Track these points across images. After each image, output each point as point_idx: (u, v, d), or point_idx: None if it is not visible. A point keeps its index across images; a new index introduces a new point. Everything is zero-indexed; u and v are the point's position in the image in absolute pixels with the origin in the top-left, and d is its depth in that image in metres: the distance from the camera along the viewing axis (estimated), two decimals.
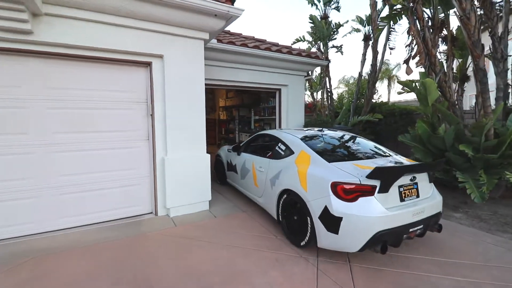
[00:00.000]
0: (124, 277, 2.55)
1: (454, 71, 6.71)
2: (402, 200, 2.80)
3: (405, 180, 2.83)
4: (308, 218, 2.93)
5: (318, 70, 12.02)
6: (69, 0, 3.08)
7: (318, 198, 2.84)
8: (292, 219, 3.26)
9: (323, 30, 9.59)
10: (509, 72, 5.71)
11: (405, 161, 3.40)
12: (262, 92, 8.90)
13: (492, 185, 4.12)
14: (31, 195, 3.38)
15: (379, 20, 8.38)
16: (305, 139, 3.65)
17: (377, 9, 8.43)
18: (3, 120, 3.20)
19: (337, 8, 10.16)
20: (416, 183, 2.95)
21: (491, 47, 5.39)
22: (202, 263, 2.80)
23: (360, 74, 9.72)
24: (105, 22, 3.42)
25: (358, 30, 10.43)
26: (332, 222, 2.69)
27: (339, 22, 9.81)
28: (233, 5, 3.84)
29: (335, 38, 9.99)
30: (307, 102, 14.54)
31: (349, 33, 10.92)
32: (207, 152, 4.38)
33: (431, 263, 2.81)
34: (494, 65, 5.49)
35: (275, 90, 7.34)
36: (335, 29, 9.81)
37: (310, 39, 10.73)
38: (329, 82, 10.23)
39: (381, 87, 24.64)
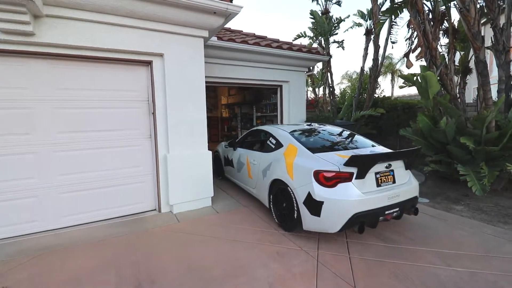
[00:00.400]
0: (128, 272, 2.62)
1: (456, 63, 6.65)
2: (378, 185, 3.10)
3: (380, 167, 3.12)
4: (295, 204, 3.22)
5: (320, 65, 11.97)
6: (69, 1, 3.13)
7: (302, 185, 3.13)
8: (281, 206, 3.53)
9: (324, 25, 9.54)
10: (511, 64, 5.66)
11: (385, 151, 3.62)
12: (263, 88, 8.91)
13: (493, 177, 4.11)
14: (36, 194, 3.46)
15: (380, 14, 8.32)
16: (294, 133, 3.91)
17: (378, 3, 8.36)
18: (9, 121, 3.28)
19: (338, 3, 10.10)
20: (392, 170, 3.24)
21: (492, 39, 5.34)
22: (204, 257, 2.86)
23: (362, 69, 9.67)
24: (105, 22, 3.46)
25: (360, 25, 10.36)
26: (314, 206, 2.98)
27: (340, 17, 9.74)
28: (231, 2, 3.86)
29: (337, 33, 9.93)
30: (310, 98, 14.51)
31: (351, 27, 10.85)
32: (210, 150, 4.43)
33: (432, 254, 2.84)
34: (496, 57, 5.43)
35: (277, 86, 7.36)
36: (336, 24, 9.74)
37: (312, 34, 10.68)
38: (331, 78, 10.19)
39: (385, 81, 24.46)
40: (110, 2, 3.30)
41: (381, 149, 3.74)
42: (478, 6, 4.78)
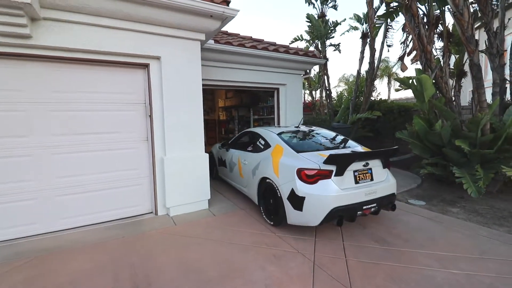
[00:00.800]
0: (125, 274, 2.61)
1: (451, 67, 6.73)
2: (356, 182, 3.33)
3: (358, 166, 3.35)
4: (280, 200, 3.45)
5: (316, 68, 12.05)
6: (66, 5, 3.14)
7: (287, 182, 3.37)
8: (269, 202, 3.76)
9: (320, 29, 9.63)
10: (506, 67, 5.73)
11: (363, 151, 3.86)
12: (260, 91, 8.93)
13: (488, 179, 4.15)
14: (33, 196, 3.44)
15: (376, 17, 8.41)
16: (281, 134, 4.15)
17: (374, 6, 8.45)
18: (6, 123, 3.27)
19: (334, 7, 10.20)
20: (370, 169, 3.46)
21: (486, 42, 5.42)
22: (201, 259, 2.85)
23: (359, 72, 9.75)
24: (102, 25, 3.47)
25: (356, 28, 10.46)
26: (297, 202, 3.22)
27: (336, 21, 9.84)
28: (228, 6, 3.89)
29: (333, 37, 10.02)
30: (307, 101, 14.57)
31: (347, 31, 10.95)
32: (207, 152, 4.43)
33: (427, 257, 2.85)
34: (490, 61, 5.51)
35: (274, 89, 7.39)
36: (332, 28, 9.84)
37: (308, 38, 10.77)
38: (328, 81, 10.26)
39: (381, 85, 24.62)
40: (106, 5, 3.32)
41: (360, 149, 3.95)
42: (471, 10, 4.85)
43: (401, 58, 6.36)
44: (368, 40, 8.93)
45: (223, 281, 2.48)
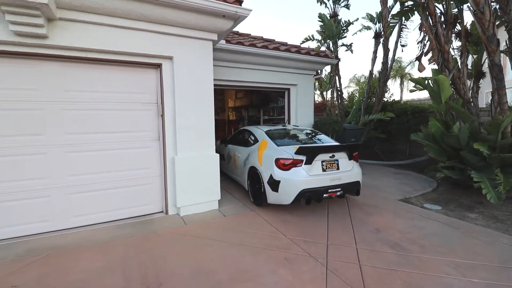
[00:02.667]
0: (135, 274, 2.61)
1: (469, 67, 6.50)
2: (324, 170, 4.03)
3: (326, 157, 4.07)
4: (262, 184, 4.17)
5: (328, 69, 11.91)
6: (82, 5, 3.17)
7: (267, 169, 4.11)
8: (255, 187, 4.48)
9: (332, 29, 9.50)
10: None
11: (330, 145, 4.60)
12: (271, 92, 8.88)
13: (509, 184, 3.98)
14: (46, 194, 3.50)
15: (390, 17, 8.24)
16: (268, 132, 4.84)
17: (388, 5, 8.28)
18: (21, 122, 3.33)
19: (347, 6, 10.04)
20: (337, 160, 4.16)
21: (507, 42, 5.20)
22: (211, 261, 2.82)
23: (371, 72, 9.58)
24: (117, 26, 3.50)
25: (368, 28, 10.29)
26: (274, 184, 3.97)
27: (349, 20, 9.68)
28: (241, 5, 3.86)
29: (345, 37, 9.88)
30: (317, 102, 14.41)
31: (359, 31, 10.79)
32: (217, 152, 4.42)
33: (445, 264, 2.74)
34: (511, 61, 5.29)
35: (284, 89, 7.33)
36: (344, 27, 9.69)
37: (320, 38, 10.64)
38: (339, 81, 10.12)
39: (394, 85, 24.11)
40: (121, 6, 3.34)
41: (331, 143, 4.74)
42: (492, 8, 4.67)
43: (418, 58, 6.19)
44: (382, 39, 8.76)
45: (233, 283, 2.45)
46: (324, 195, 3.92)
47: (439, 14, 5.68)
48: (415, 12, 7.11)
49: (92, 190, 3.74)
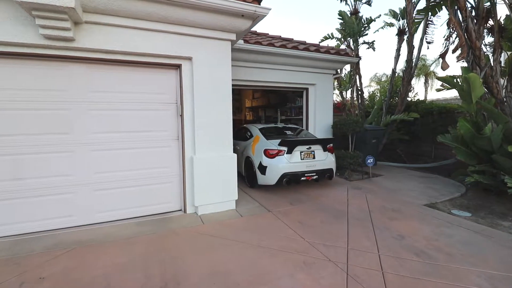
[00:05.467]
0: (155, 271, 2.64)
1: (502, 64, 6.07)
2: (302, 159, 5.15)
3: (303, 148, 5.18)
4: (254, 169, 5.25)
5: (347, 68, 11.61)
6: (106, 8, 3.27)
7: (258, 158, 5.20)
8: (249, 172, 5.58)
9: (353, 26, 9.24)
10: None
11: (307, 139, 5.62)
12: (288, 91, 8.79)
13: None
14: (72, 190, 3.65)
15: (415, 12, 7.88)
16: (261, 129, 5.88)
17: (413, 1, 7.92)
18: (51, 121, 3.50)
19: (369, 3, 9.74)
20: (313, 151, 5.28)
21: None
22: (228, 261, 2.81)
23: (394, 71, 9.22)
24: (138, 28, 3.58)
25: (391, 25, 9.91)
26: (263, 169, 5.07)
27: (370, 17, 9.37)
28: (259, 4, 3.83)
29: (366, 34, 9.57)
30: (336, 102, 14.10)
31: (382, 28, 10.42)
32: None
33: (475, 275, 2.56)
34: None
35: (302, 89, 7.22)
36: (366, 25, 9.40)
37: (339, 36, 10.39)
38: (360, 80, 9.83)
39: (417, 84, 23.09)
40: (143, 8, 3.41)
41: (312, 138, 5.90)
42: None
43: (442, 56, 5.86)
44: (406, 36, 8.40)
45: (250, 286, 2.42)
46: (302, 178, 5.05)
47: (469, 8, 5.35)
48: (443, 7, 6.74)
49: (114, 188, 3.85)
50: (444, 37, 6.25)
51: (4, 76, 3.28)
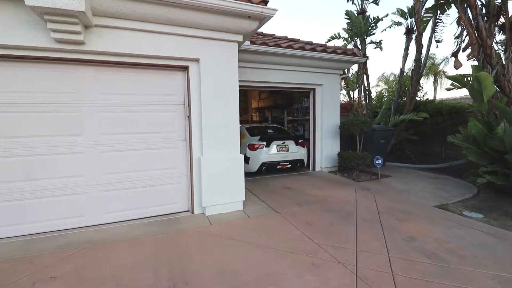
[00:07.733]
0: (163, 271, 2.66)
1: None
2: (278, 151, 6.54)
3: (279, 143, 6.59)
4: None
5: (355, 67, 11.52)
6: (115, 11, 3.32)
7: (243, 151, 6.01)
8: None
9: (360, 26, 9.17)
10: None
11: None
12: (295, 92, 8.77)
13: None
14: (82, 191, 3.71)
15: (423, 11, 7.77)
16: (248, 128, 7.21)
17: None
18: (62, 123, 3.57)
19: (376, 2, 9.66)
20: (287, 145, 6.68)
21: None
22: (236, 262, 2.81)
23: (402, 70, 9.12)
24: (146, 30, 3.63)
25: (399, 24, 9.80)
26: (247, 159, 6.31)
27: (378, 16, 9.29)
28: (266, 5, 3.83)
29: (374, 33, 9.49)
30: (343, 102, 13.99)
31: (389, 27, 10.32)
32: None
33: (490, 278, 2.50)
34: None
35: (309, 90, 7.20)
36: (373, 24, 9.31)
37: (346, 35, 10.32)
38: (367, 80, 9.74)
39: (426, 84, 22.71)
40: (151, 11, 3.45)
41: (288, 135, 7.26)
42: None
43: (454, 54, 5.76)
44: (414, 35, 8.30)
45: (258, 286, 2.41)
46: (278, 166, 6.50)
47: (480, 6, 5.25)
48: (452, 5, 6.63)
49: (123, 188, 3.90)
50: (454, 35, 6.15)
51: (18, 79, 3.37)
